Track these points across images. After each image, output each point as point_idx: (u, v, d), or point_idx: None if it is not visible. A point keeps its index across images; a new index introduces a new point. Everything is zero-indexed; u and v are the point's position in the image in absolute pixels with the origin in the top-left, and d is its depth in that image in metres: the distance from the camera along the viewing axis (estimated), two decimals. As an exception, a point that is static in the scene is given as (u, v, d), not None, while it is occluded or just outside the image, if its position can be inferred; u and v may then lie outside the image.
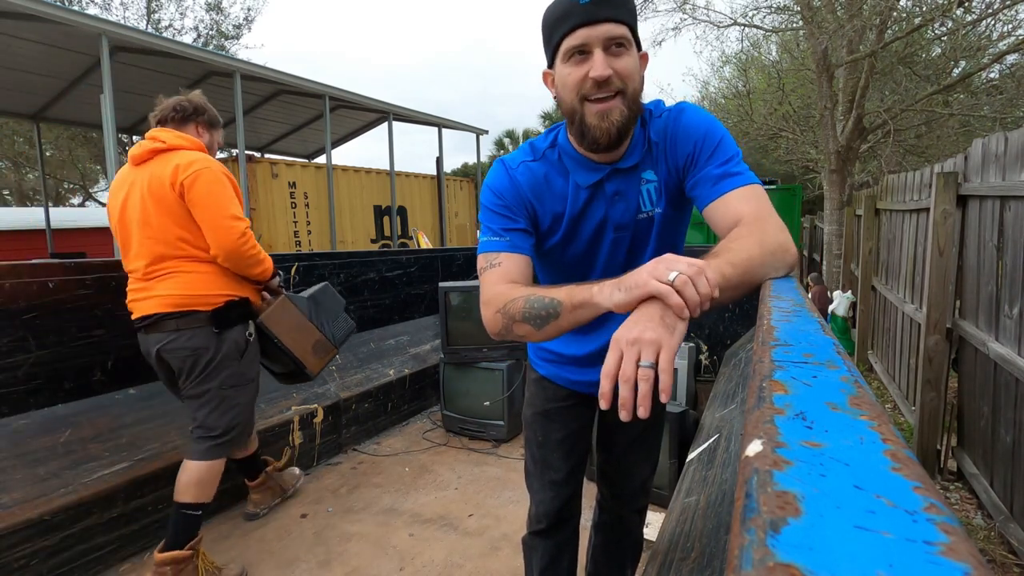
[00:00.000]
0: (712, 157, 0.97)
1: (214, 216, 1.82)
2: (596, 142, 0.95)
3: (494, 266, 1.00)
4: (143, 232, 1.83)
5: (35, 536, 1.77)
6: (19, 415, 1.98)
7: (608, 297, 0.75)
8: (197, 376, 1.86)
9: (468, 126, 12.14)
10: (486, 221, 1.07)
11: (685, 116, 1.02)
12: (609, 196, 1.05)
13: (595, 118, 0.93)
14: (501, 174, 1.08)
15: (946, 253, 2.79)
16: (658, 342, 0.64)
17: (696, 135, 0.99)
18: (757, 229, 0.83)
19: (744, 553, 0.22)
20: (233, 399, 1.93)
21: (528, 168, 1.08)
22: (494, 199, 1.06)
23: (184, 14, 14.37)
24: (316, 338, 2.19)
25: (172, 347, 1.83)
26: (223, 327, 1.88)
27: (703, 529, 1.29)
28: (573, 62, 0.93)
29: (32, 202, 19.81)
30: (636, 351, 0.64)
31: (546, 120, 23.76)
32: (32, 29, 6.00)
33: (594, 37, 0.90)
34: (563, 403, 1.33)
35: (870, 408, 0.35)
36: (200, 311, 1.84)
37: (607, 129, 0.93)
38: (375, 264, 3.66)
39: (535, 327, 0.86)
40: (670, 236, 1.12)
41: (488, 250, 1.02)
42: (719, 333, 3.28)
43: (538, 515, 1.38)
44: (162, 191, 1.80)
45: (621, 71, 0.91)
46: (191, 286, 1.84)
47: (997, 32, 6.68)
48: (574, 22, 0.90)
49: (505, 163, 1.10)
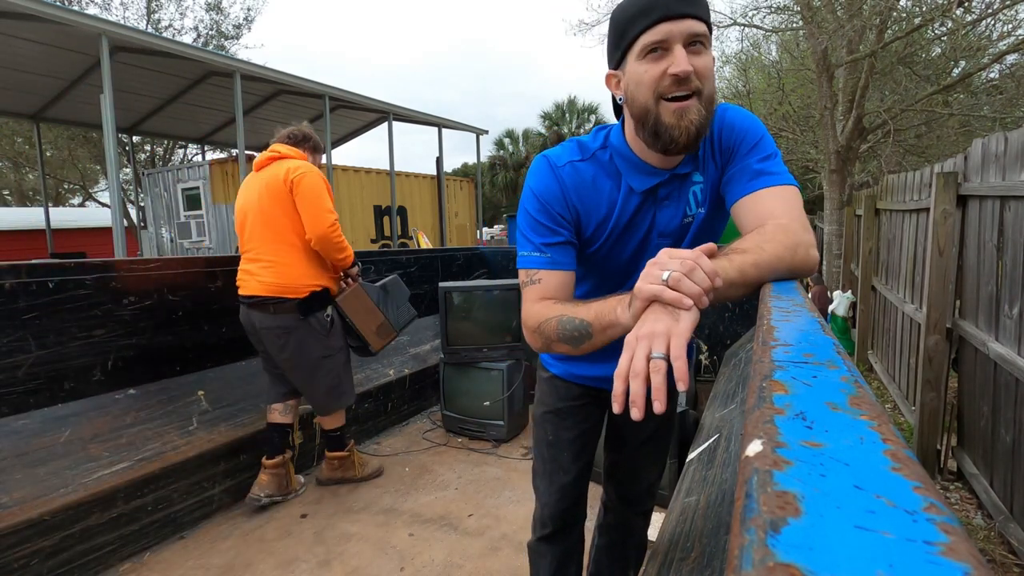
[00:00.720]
0: (751, 153, 0.95)
1: (313, 206, 2.28)
2: (675, 142, 0.89)
3: (534, 283, 0.98)
4: (258, 218, 2.32)
5: (35, 536, 1.77)
6: (19, 415, 1.98)
7: (624, 314, 0.77)
8: (289, 349, 2.33)
9: (468, 126, 12.14)
10: (527, 230, 1.01)
11: (729, 114, 1.00)
12: (659, 201, 1.02)
13: (673, 117, 0.88)
14: (546, 174, 1.01)
15: (946, 253, 2.79)
16: (667, 332, 0.63)
17: (738, 131, 0.97)
18: (793, 237, 0.81)
19: (744, 553, 0.22)
20: (325, 367, 2.42)
21: (575, 168, 1.01)
22: (537, 205, 1.00)
23: (184, 14, 14.37)
24: (380, 321, 2.63)
25: (268, 325, 2.32)
26: (307, 313, 2.33)
27: (703, 529, 1.29)
28: (651, 59, 0.88)
29: (32, 202, 19.81)
30: (646, 346, 0.63)
31: (546, 120, 23.70)
32: (32, 29, 6.00)
33: (676, 32, 0.85)
34: (575, 402, 1.32)
35: (870, 408, 0.35)
36: (290, 299, 2.30)
37: (686, 128, 0.88)
38: (375, 264, 3.66)
39: (572, 346, 0.88)
40: (706, 237, 1.08)
41: (528, 266, 1.00)
42: (719, 333, 3.28)
43: (543, 518, 1.37)
44: (276, 186, 2.29)
45: (700, 70, 0.87)
46: (286, 276, 2.30)
47: (997, 32, 6.68)
48: (656, 15, 0.86)
49: (550, 161, 1.02)
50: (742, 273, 0.73)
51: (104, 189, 17.89)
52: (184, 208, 8.81)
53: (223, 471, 2.39)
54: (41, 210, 11.51)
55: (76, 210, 18.16)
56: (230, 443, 2.41)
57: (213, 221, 8.52)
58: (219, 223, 8.45)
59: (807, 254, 0.80)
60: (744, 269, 0.73)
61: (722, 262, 0.72)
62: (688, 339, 0.64)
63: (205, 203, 8.56)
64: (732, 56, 10.56)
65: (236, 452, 2.44)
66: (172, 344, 2.48)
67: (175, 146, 15.06)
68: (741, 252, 0.76)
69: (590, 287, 1.15)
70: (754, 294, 0.78)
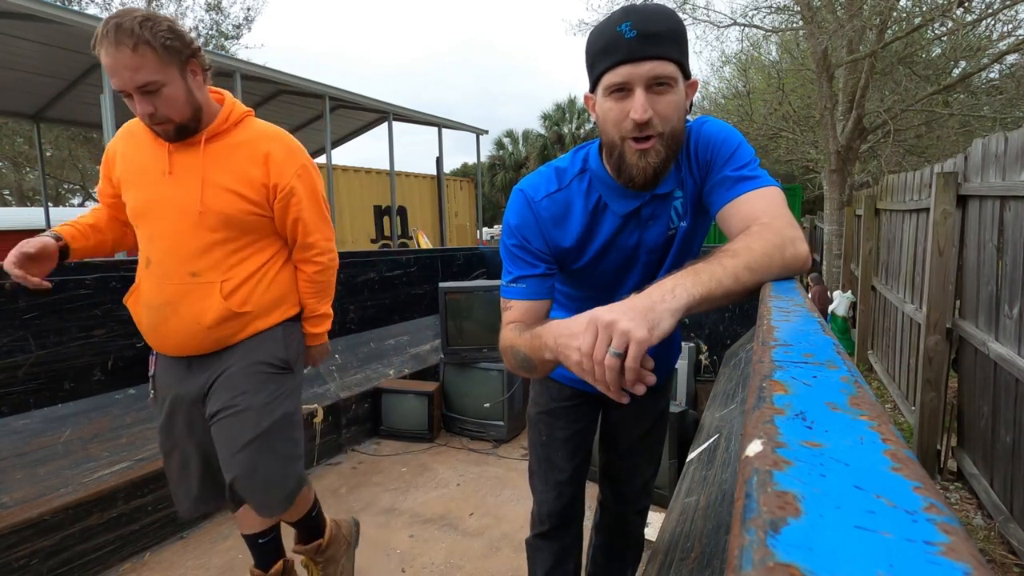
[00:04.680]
0: (728, 163, 0.96)
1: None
2: (633, 180, 0.94)
3: (507, 309, 1.04)
4: None
5: (35, 536, 1.77)
6: (19, 415, 1.98)
7: (549, 350, 0.79)
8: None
9: (468, 126, 12.14)
10: (506, 261, 1.06)
11: (705, 128, 1.01)
12: (644, 221, 1.04)
13: (634, 156, 0.91)
14: (522, 209, 1.04)
15: (946, 253, 2.79)
16: (628, 333, 0.61)
17: (714, 143, 0.99)
18: (778, 234, 0.81)
19: (744, 553, 0.22)
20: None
21: (552, 201, 1.03)
22: (515, 240, 1.04)
23: (184, 14, 14.35)
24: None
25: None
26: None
27: (703, 529, 1.29)
28: (614, 98, 0.89)
29: (32, 202, 19.81)
30: (608, 335, 0.63)
31: (546, 120, 23.70)
32: (32, 29, 6.00)
33: (637, 76, 0.85)
34: (568, 402, 1.33)
35: (870, 408, 0.35)
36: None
37: (643, 168, 0.91)
38: (375, 264, 3.66)
39: (527, 373, 0.94)
40: (688, 249, 1.11)
41: (504, 295, 1.05)
42: (719, 333, 3.29)
43: (541, 516, 1.38)
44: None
45: (661, 113, 0.87)
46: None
47: (997, 32, 6.68)
48: (617, 58, 0.86)
49: (526, 195, 1.04)
50: (737, 278, 0.73)
51: (104, 189, 17.85)
52: (184, 208, 8.79)
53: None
54: (41, 210, 11.51)
55: (76, 210, 18.15)
56: (230, 443, 2.40)
57: (213, 221, 8.51)
58: (219, 223, 8.44)
59: (796, 249, 0.80)
60: (738, 273, 0.73)
61: (715, 269, 0.72)
62: (645, 349, 0.62)
63: (205, 203, 8.54)
64: (732, 56, 10.57)
65: (236, 452, 2.44)
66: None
67: (175, 146, 15.03)
68: (732, 256, 0.75)
69: (583, 297, 1.18)
70: (754, 294, 0.78)
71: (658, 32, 0.85)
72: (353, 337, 3.43)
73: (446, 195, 11.58)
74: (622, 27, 0.85)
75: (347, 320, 3.41)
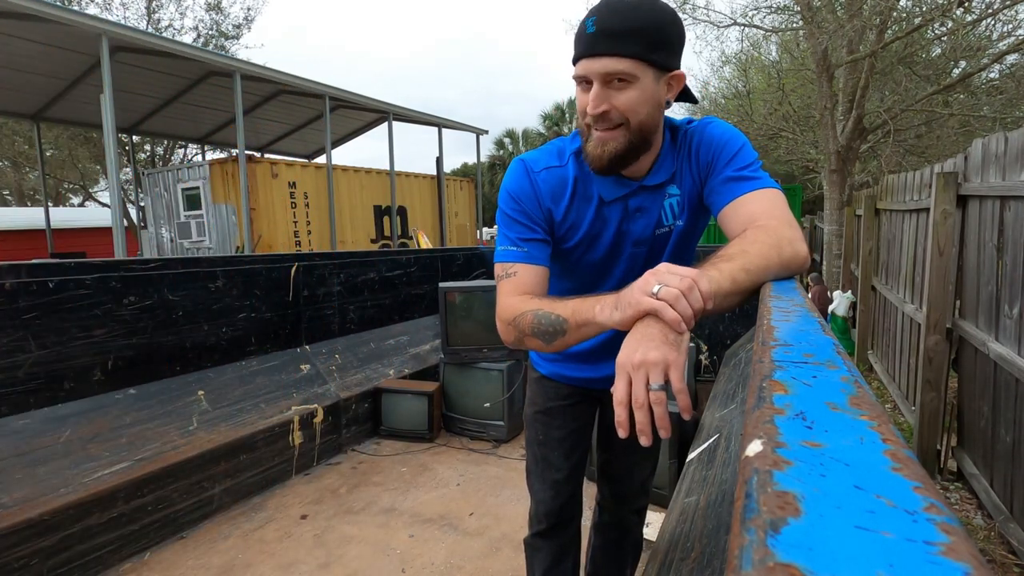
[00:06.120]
0: (730, 164, 0.97)
1: None
2: (591, 166, 0.98)
3: (510, 276, 1.00)
4: None
5: (35, 536, 1.77)
6: (19, 415, 1.98)
7: (608, 316, 0.75)
8: None
9: (468, 126, 12.15)
10: (504, 227, 1.04)
11: (709, 128, 1.02)
12: (631, 212, 1.05)
13: (593, 144, 0.94)
14: (521, 176, 1.05)
15: (946, 253, 2.79)
16: (664, 361, 0.63)
17: (716, 145, 0.99)
18: (774, 234, 0.81)
19: (744, 553, 0.22)
20: None
21: (551, 174, 1.05)
22: (512, 204, 1.04)
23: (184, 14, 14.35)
24: None
25: None
26: None
27: (703, 529, 1.29)
28: (581, 88, 0.93)
29: (32, 202, 19.81)
30: (643, 374, 0.63)
31: (546, 120, 23.70)
32: (32, 29, 6.01)
33: (592, 71, 0.89)
34: (564, 401, 1.33)
35: (870, 408, 0.35)
36: None
37: (599, 156, 0.94)
38: (375, 264, 3.66)
39: (545, 342, 0.89)
40: (685, 248, 1.11)
41: (504, 260, 1.02)
42: (719, 333, 3.29)
43: (538, 515, 1.38)
44: None
45: (620, 106, 0.89)
46: None
47: (997, 32, 6.68)
48: (579, 51, 0.90)
49: (527, 165, 1.06)
50: (734, 281, 0.73)
51: (104, 189, 17.89)
52: (184, 208, 8.80)
53: (223, 471, 2.39)
54: (41, 210, 11.52)
55: (76, 210, 18.16)
56: (230, 443, 2.41)
57: (213, 221, 8.51)
58: (219, 223, 8.44)
59: (793, 249, 0.80)
60: (735, 276, 0.73)
61: (712, 273, 0.71)
62: (684, 368, 0.64)
63: (205, 203, 8.55)
64: (732, 56, 10.56)
65: (236, 452, 2.44)
66: (172, 344, 2.48)
67: (175, 146, 15.05)
68: (728, 259, 0.75)
69: (567, 287, 1.17)
70: (754, 295, 0.78)
71: (618, 29, 0.86)
72: (353, 337, 3.43)
73: (446, 195, 11.58)
74: (587, 22, 0.89)
75: (347, 320, 3.41)
